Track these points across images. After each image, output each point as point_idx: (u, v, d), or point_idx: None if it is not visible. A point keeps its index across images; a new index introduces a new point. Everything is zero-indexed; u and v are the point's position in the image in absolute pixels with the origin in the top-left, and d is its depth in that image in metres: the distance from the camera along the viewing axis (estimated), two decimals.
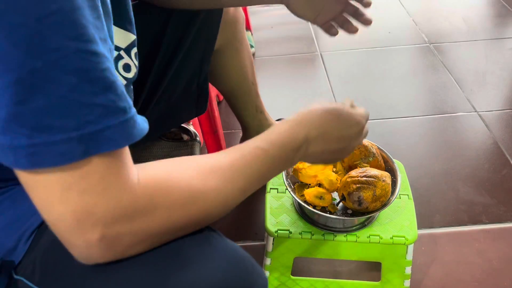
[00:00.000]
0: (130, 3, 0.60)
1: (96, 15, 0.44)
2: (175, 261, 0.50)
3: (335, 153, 0.66)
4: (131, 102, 0.46)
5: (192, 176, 0.51)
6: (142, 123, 0.47)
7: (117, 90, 0.43)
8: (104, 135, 0.43)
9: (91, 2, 0.43)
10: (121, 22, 0.60)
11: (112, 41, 0.52)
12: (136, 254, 0.49)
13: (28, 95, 0.40)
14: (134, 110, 0.46)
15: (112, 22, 0.53)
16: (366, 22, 0.88)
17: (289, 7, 0.87)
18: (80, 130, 0.41)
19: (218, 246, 0.53)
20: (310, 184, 0.91)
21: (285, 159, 0.60)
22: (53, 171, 0.42)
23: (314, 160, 0.67)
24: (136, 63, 0.65)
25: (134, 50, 0.64)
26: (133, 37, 0.62)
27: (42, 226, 0.58)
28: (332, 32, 0.90)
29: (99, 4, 0.44)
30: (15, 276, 0.56)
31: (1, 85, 0.39)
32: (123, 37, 0.61)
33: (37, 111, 0.40)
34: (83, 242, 0.45)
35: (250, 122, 1.24)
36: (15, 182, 0.60)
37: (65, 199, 0.43)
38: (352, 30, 0.89)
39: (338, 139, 0.65)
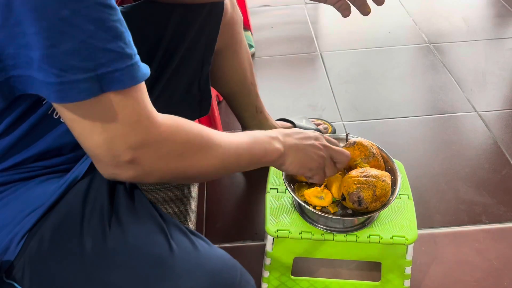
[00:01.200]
0: None
1: None
2: (161, 270, 0.51)
3: (310, 148, 0.78)
4: (135, 50, 0.53)
5: (200, 127, 0.63)
6: (145, 68, 0.54)
7: (125, 39, 0.51)
8: (115, 76, 0.50)
9: None
10: None
11: None
12: (153, 180, 0.59)
13: (58, 39, 0.47)
14: (138, 56, 0.53)
15: None
16: (378, 0, 0.82)
17: None
18: (96, 71, 0.49)
19: (203, 254, 0.55)
20: (309, 183, 0.91)
21: (268, 142, 0.73)
22: (94, 106, 0.51)
23: (298, 156, 0.76)
24: None
25: None
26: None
27: (33, 230, 0.58)
28: (345, 14, 0.86)
29: None
30: (6, 280, 0.57)
31: (36, 30, 0.46)
32: None
33: (64, 54, 0.47)
34: (115, 163, 0.54)
35: (250, 122, 1.24)
36: (4, 185, 0.60)
37: (105, 128, 0.52)
38: (365, 11, 0.84)
39: (303, 137, 0.78)
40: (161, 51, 0.91)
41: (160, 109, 0.97)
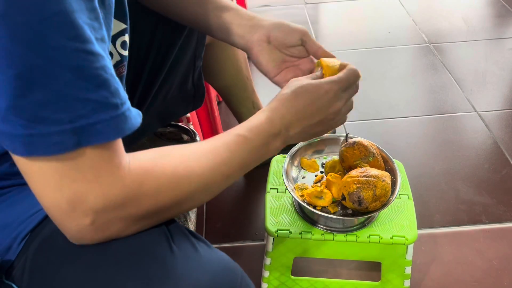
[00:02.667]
0: None
1: (94, 16, 0.45)
2: (161, 272, 0.51)
3: (318, 126, 0.67)
4: (125, 98, 0.48)
5: (176, 163, 0.54)
6: (135, 118, 0.49)
7: (110, 87, 0.46)
8: (96, 129, 0.45)
9: (88, 4, 0.44)
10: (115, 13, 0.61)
11: (109, 35, 0.54)
12: (125, 236, 0.52)
13: (27, 89, 0.42)
14: (127, 105, 0.48)
15: (113, 16, 0.54)
16: None
17: (251, 55, 0.79)
18: (73, 123, 0.44)
19: (204, 257, 0.54)
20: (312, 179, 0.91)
21: (265, 144, 0.62)
22: (49, 160, 0.45)
23: (301, 139, 0.68)
24: (123, 52, 0.65)
25: (122, 39, 0.64)
26: (122, 26, 0.63)
27: (35, 230, 0.58)
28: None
29: (97, 6, 0.46)
30: (5, 281, 0.57)
31: (2, 78, 0.41)
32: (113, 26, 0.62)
33: (34, 104, 0.42)
34: (75, 226, 0.48)
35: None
36: (10, 187, 0.60)
37: (59, 187, 0.46)
38: None
39: (312, 113, 0.65)
40: (154, 51, 0.90)
41: (155, 108, 0.97)
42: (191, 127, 1.31)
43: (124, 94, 0.48)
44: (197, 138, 1.27)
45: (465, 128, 1.50)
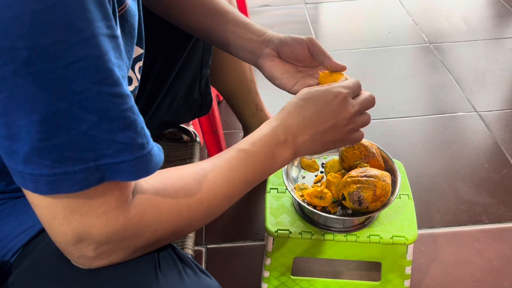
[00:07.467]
0: (142, 21, 0.61)
1: (119, 54, 0.45)
2: None
3: (329, 133, 0.65)
4: (149, 135, 0.47)
5: (177, 189, 0.53)
6: (158, 155, 0.48)
7: (137, 127, 0.45)
8: (120, 168, 0.45)
9: (114, 42, 0.43)
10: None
11: (130, 60, 0.53)
12: (127, 261, 0.52)
13: (52, 132, 0.41)
14: (151, 144, 0.47)
15: (135, 42, 0.54)
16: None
17: (264, 70, 0.78)
18: (97, 161, 0.44)
19: (189, 286, 0.52)
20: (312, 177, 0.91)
21: (271, 156, 0.61)
22: (61, 196, 0.45)
23: (313, 149, 0.66)
24: (139, 77, 0.65)
25: (139, 64, 0.63)
26: (140, 50, 0.62)
27: (27, 247, 0.57)
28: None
29: (121, 42, 0.45)
30: None
31: (26, 123, 0.40)
32: None
33: (59, 146, 0.42)
34: (78, 254, 0.49)
35: (251, 121, 1.24)
36: (3, 200, 0.59)
37: (68, 220, 0.46)
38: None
39: (321, 119, 0.64)
40: (161, 59, 0.89)
41: (159, 116, 0.96)
42: (191, 127, 1.31)
43: (148, 132, 0.47)
44: (197, 138, 1.27)
45: (465, 128, 1.50)
